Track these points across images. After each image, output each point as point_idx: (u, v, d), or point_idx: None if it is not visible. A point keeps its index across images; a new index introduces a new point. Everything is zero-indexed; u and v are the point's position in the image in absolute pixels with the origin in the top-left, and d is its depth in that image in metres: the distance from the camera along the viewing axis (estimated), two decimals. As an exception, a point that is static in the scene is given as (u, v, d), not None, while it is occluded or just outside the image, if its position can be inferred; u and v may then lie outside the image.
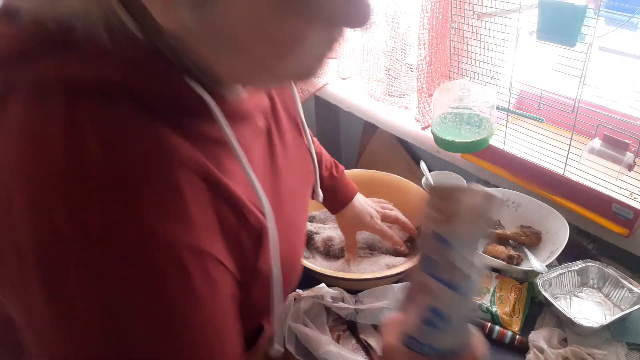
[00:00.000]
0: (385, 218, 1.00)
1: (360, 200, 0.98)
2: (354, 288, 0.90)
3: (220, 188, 0.44)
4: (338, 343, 0.83)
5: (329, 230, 1.04)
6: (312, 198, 0.77)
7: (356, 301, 0.88)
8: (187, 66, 0.41)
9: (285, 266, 0.53)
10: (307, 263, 0.92)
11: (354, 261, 0.98)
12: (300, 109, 0.67)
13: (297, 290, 0.87)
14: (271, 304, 0.53)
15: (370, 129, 1.68)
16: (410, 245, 1.02)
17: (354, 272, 0.94)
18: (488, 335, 0.86)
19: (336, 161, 0.94)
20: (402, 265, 0.93)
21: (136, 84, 0.39)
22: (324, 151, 0.91)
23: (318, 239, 1.03)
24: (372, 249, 1.02)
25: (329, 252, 1.01)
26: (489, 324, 0.86)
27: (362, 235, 1.02)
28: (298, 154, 0.66)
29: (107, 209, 0.36)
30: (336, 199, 0.94)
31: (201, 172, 0.42)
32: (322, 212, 1.10)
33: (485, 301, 0.89)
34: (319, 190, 0.77)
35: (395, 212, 1.03)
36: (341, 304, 0.86)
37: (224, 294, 0.45)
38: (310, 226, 1.06)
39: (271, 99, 0.60)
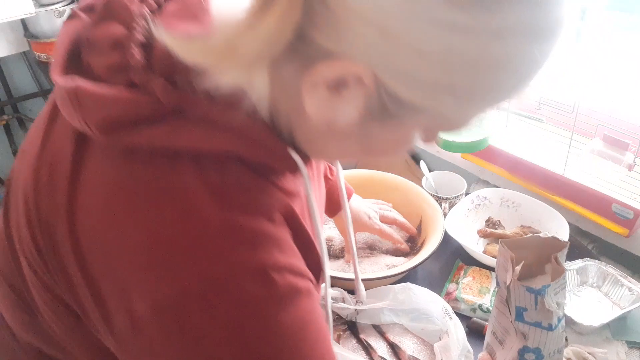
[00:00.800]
0: (383, 219, 0.99)
1: (358, 201, 0.98)
2: (354, 288, 0.90)
3: (302, 231, 0.46)
4: (338, 343, 0.83)
5: (328, 230, 1.04)
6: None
7: (356, 301, 0.88)
8: (284, 134, 0.44)
9: None
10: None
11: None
12: None
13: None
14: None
15: (370, 129, 1.68)
16: (411, 245, 1.02)
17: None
18: (488, 335, 0.86)
19: (330, 165, 0.94)
20: (402, 265, 0.93)
21: (246, 152, 0.40)
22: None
23: None
24: (372, 249, 1.01)
25: (329, 252, 1.00)
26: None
27: (362, 235, 1.02)
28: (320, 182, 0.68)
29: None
30: (332, 202, 0.93)
31: (288, 217, 0.44)
32: None
33: (485, 301, 0.89)
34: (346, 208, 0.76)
35: (394, 213, 1.03)
36: (341, 304, 0.87)
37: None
38: None
39: None
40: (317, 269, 0.49)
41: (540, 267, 0.67)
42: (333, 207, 0.93)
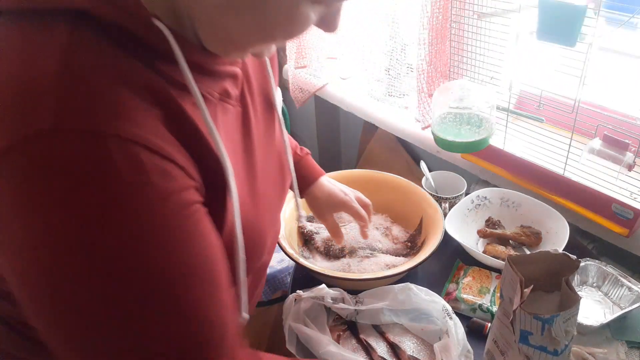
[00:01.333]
0: (358, 200, 0.95)
1: (330, 181, 0.95)
2: (354, 288, 0.90)
3: (182, 119, 0.45)
4: (338, 343, 0.83)
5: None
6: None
7: (356, 302, 0.88)
8: (187, 27, 0.45)
9: (250, 238, 0.54)
10: (307, 264, 0.92)
11: (354, 261, 0.98)
12: (274, 90, 0.68)
13: (298, 291, 0.87)
14: (237, 272, 0.53)
15: (370, 129, 1.68)
16: (411, 244, 1.02)
17: (355, 272, 0.94)
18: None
19: (301, 147, 0.95)
20: (402, 265, 0.93)
21: (96, 10, 0.40)
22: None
23: (318, 239, 1.03)
24: (372, 249, 1.01)
25: (329, 252, 1.01)
26: (489, 324, 0.86)
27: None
28: (271, 135, 0.67)
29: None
30: (301, 178, 0.90)
31: (161, 96, 0.43)
32: None
33: (485, 301, 0.89)
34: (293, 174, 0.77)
35: (368, 200, 0.96)
36: (341, 305, 0.87)
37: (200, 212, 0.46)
38: (310, 226, 1.05)
39: (247, 77, 0.61)
40: (217, 180, 0.48)
41: (548, 284, 0.66)
42: (303, 184, 0.92)
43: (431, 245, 0.93)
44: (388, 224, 1.08)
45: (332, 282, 0.90)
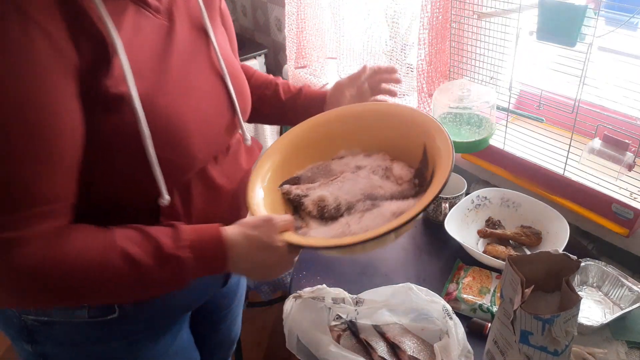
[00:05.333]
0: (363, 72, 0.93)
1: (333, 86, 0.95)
2: (363, 252, 0.84)
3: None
4: (338, 343, 0.83)
5: (319, 189, 0.85)
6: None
7: (356, 302, 0.88)
8: None
9: (164, 126, 0.61)
10: (302, 240, 0.72)
11: (354, 218, 0.79)
12: (206, 21, 0.72)
13: (298, 291, 0.87)
14: (147, 151, 0.59)
15: (370, 129, 1.68)
16: (418, 181, 0.82)
17: (357, 232, 0.75)
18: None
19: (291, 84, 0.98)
20: (411, 209, 0.72)
21: None
22: (270, 77, 0.97)
23: (308, 202, 0.83)
24: (373, 198, 0.81)
25: (324, 214, 0.82)
26: (489, 324, 0.86)
27: (359, 185, 0.83)
28: (203, 58, 0.71)
29: None
30: (311, 108, 0.93)
31: None
32: (309, 169, 0.89)
33: (486, 301, 0.89)
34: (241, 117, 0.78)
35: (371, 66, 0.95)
36: (342, 305, 0.87)
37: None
38: (297, 189, 0.86)
39: (177, 3, 0.67)
40: (98, 49, 0.55)
41: (549, 284, 0.66)
42: (315, 108, 0.94)
43: (441, 176, 0.72)
44: (387, 164, 0.87)
45: (330, 253, 0.82)
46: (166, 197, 0.64)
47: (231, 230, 0.66)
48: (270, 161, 0.85)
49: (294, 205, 0.85)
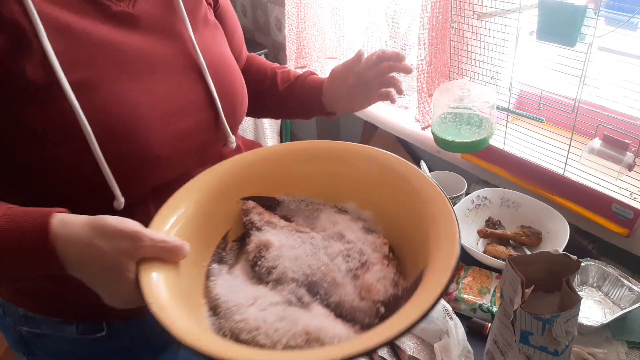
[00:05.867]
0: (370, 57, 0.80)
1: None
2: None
3: None
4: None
5: (279, 232, 0.63)
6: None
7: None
8: None
9: (116, 138, 0.56)
10: (151, 297, 0.46)
11: (268, 299, 0.54)
12: (182, 10, 0.67)
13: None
14: (102, 169, 0.56)
15: (370, 129, 1.68)
16: (384, 312, 0.53)
17: (245, 333, 0.50)
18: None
19: (292, 70, 0.90)
20: (338, 346, 0.48)
21: None
22: (268, 69, 0.90)
23: (254, 239, 0.62)
24: (313, 292, 0.56)
25: (255, 266, 0.59)
26: (489, 324, 0.86)
27: (317, 260, 0.58)
28: (174, 39, 0.66)
29: None
30: (306, 100, 0.86)
31: None
32: (298, 200, 0.69)
33: (486, 301, 0.89)
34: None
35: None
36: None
37: None
38: (259, 214, 0.65)
39: None
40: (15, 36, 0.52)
41: (549, 284, 0.66)
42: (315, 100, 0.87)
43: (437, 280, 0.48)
44: (372, 258, 0.59)
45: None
46: (120, 200, 0.59)
47: (74, 225, 0.49)
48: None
49: (243, 232, 0.65)
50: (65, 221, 0.49)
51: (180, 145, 0.64)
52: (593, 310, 0.88)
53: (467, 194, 1.11)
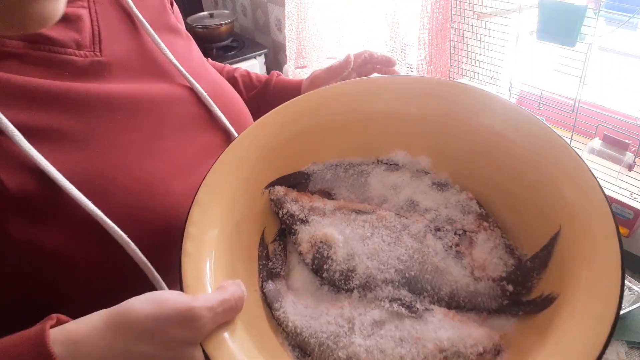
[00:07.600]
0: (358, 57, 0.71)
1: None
2: None
3: None
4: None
5: (332, 218, 0.48)
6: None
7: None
8: None
9: (145, 225, 0.43)
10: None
11: (368, 317, 0.42)
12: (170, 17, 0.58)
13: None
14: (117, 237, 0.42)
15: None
16: (513, 290, 0.43)
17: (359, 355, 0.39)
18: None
19: (259, 74, 0.80)
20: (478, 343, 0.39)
21: None
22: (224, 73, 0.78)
23: (303, 237, 0.48)
24: (415, 288, 0.43)
25: (320, 269, 0.46)
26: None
27: (399, 248, 0.45)
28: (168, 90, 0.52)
29: None
30: (283, 92, 0.74)
31: None
32: (328, 165, 0.53)
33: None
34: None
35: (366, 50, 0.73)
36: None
37: None
38: (293, 202, 0.50)
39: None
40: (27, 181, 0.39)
41: None
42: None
43: (578, 314, 0.39)
44: (470, 225, 0.47)
45: None
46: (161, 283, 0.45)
47: (89, 336, 0.33)
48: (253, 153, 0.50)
49: (283, 227, 0.50)
50: (72, 337, 0.33)
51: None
52: (593, 310, 0.88)
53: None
